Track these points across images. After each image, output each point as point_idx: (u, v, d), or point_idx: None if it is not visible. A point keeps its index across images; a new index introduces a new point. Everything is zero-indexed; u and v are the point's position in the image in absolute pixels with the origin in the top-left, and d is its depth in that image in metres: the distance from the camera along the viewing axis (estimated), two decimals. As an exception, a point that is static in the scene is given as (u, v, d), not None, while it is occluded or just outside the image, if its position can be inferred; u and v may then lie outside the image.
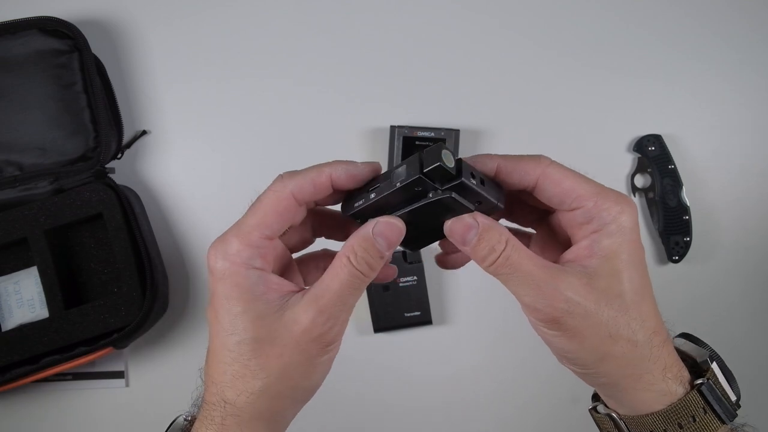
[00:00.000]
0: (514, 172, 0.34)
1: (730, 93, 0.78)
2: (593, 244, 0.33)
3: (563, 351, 0.34)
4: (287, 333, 0.32)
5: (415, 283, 0.74)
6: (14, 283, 0.70)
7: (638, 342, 0.33)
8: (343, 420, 0.74)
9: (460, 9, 0.77)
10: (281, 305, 0.33)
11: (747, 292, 0.77)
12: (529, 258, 0.33)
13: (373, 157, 0.75)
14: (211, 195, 0.75)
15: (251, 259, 0.33)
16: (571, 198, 0.33)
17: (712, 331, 0.79)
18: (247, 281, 0.33)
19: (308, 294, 0.33)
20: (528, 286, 0.33)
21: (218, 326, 0.33)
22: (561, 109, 0.77)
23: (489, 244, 0.33)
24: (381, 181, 0.34)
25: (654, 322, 0.33)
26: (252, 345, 0.32)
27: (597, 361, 0.33)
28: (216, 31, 0.75)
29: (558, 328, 0.33)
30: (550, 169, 0.33)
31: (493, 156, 0.34)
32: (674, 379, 0.34)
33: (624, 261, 0.33)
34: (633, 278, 0.33)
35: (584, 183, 0.33)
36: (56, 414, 0.73)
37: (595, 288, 0.32)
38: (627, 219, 0.33)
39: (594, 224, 0.33)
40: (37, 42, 0.69)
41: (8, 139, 0.69)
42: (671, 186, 0.75)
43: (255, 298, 0.33)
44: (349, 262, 0.33)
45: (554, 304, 0.32)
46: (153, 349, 0.74)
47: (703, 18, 0.77)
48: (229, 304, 0.33)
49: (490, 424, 0.75)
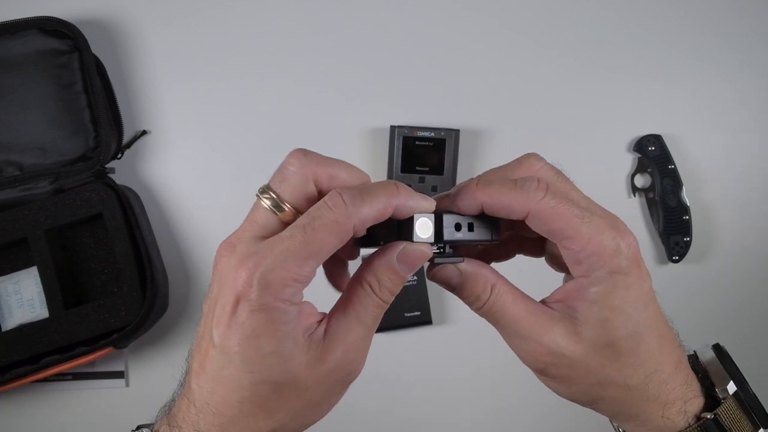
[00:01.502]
0: (500, 211, 0.31)
1: (730, 93, 0.77)
2: (582, 289, 0.30)
3: (555, 391, 0.34)
4: (311, 374, 0.29)
5: (415, 283, 0.74)
6: (14, 283, 0.70)
7: (631, 386, 0.31)
8: (343, 419, 0.74)
9: (460, 9, 0.77)
10: (307, 344, 0.29)
11: (747, 292, 0.77)
12: (515, 304, 0.31)
13: (373, 157, 0.75)
14: (211, 195, 0.75)
15: (295, 295, 0.29)
16: (561, 238, 0.30)
17: (712, 332, 0.79)
18: (285, 318, 0.28)
19: (332, 329, 0.30)
20: (512, 336, 0.32)
21: (236, 360, 0.29)
22: (561, 109, 0.77)
23: (473, 292, 0.32)
24: None
25: (653, 362, 0.31)
26: (273, 387, 0.29)
27: (588, 402, 0.33)
28: (216, 31, 0.75)
29: (544, 375, 0.32)
30: (538, 208, 0.30)
31: (476, 194, 0.31)
32: (677, 414, 0.32)
33: (615, 308, 0.30)
34: (626, 324, 0.30)
35: (576, 224, 0.29)
36: (56, 414, 0.73)
37: (582, 338, 0.30)
38: (622, 261, 0.30)
39: (583, 267, 0.30)
40: (37, 42, 0.69)
41: (8, 139, 0.69)
42: (671, 186, 0.75)
43: (288, 336, 0.29)
44: (372, 291, 0.30)
45: (538, 357, 0.31)
46: (153, 349, 0.74)
47: (703, 18, 0.77)
48: (258, 342, 0.28)
49: (490, 424, 0.75)
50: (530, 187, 0.30)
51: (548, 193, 0.30)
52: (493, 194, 0.30)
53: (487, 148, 0.76)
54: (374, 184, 0.30)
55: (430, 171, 0.73)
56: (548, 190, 0.30)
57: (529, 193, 0.30)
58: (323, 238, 0.28)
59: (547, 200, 0.29)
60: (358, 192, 0.29)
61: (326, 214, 0.28)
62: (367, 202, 0.29)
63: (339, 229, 0.28)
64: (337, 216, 0.28)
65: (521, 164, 0.32)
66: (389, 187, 0.29)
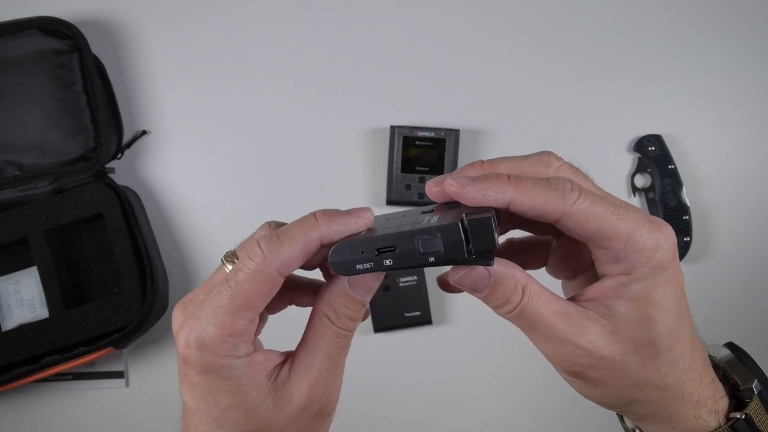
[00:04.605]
0: (530, 211, 0.28)
1: (730, 93, 0.77)
2: (621, 287, 0.29)
3: (585, 395, 0.32)
4: (282, 416, 0.29)
5: (415, 283, 0.74)
6: (14, 283, 0.70)
7: (668, 386, 0.30)
8: (342, 419, 0.74)
9: (460, 9, 0.77)
10: (271, 387, 0.29)
11: (747, 292, 0.77)
12: (547, 306, 0.29)
13: (373, 157, 0.75)
14: (211, 194, 0.75)
15: (235, 349, 0.28)
16: (598, 239, 0.29)
17: (712, 332, 0.79)
18: (233, 372, 0.28)
19: (296, 366, 0.30)
20: (546, 340, 0.30)
21: (202, 417, 0.29)
22: (561, 108, 0.77)
23: (503, 295, 0.29)
24: (382, 226, 0.30)
25: (688, 359, 0.30)
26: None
27: (621, 405, 0.32)
28: (216, 31, 0.75)
29: (579, 378, 0.31)
30: (573, 209, 0.28)
31: (507, 187, 0.28)
32: (708, 414, 0.31)
33: (656, 304, 0.29)
34: (666, 321, 0.29)
35: (614, 221, 0.28)
36: (56, 414, 0.73)
37: (621, 336, 0.29)
38: (663, 255, 0.29)
39: (623, 266, 0.29)
40: (37, 42, 0.69)
41: (8, 139, 0.69)
42: (671, 186, 0.75)
43: (242, 389, 0.29)
44: (330, 321, 0.30)
45: (574, 360, 0.30)
46: (153, 349, 0.74)
47: (703, 18, 0.77)
48: (215, 399, 0.29)
49: (490, 424, 0.75)
50: (564, 188, 0.28)
51: (582, 195, 0.28)
52: (526, 192, 0.28)
53: (487, 148, 0.76)
54: (292, 223, 0.29)
55: (430, 171, 0.73)
56: (581, 191, 0.28)
57: (564, 195, 0.28)
58: (248, 289, 0.28)
59: (581, 201, 0.28)
60: (276, 235, 0.28)
61: (247, 265, 0.28)
62: (286, 243, 0.28)
63: (262, 278, 0.28)
64: (257, 264, 0.28)
65: (541, 161, 0.31)
66: (306, 221, 0.29)
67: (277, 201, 0.74)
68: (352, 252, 0.28)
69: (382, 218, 0.33)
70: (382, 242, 0.28)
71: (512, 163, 0.31)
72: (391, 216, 0.33)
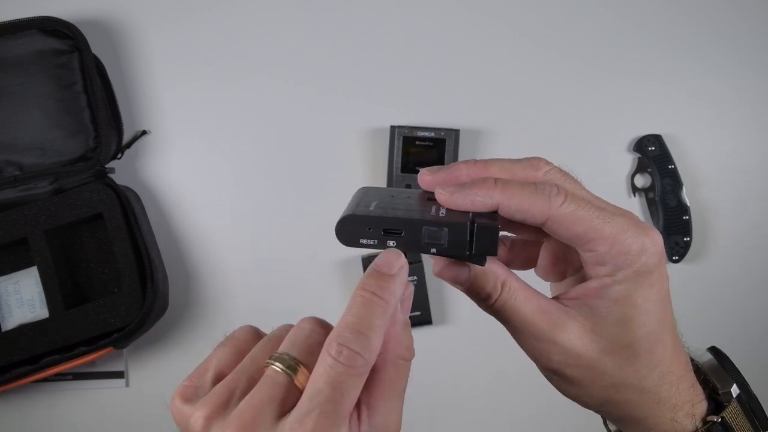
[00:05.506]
0: (516, 214, 0.29)
1: (730, 93, 0.77)
2: (604, 288, 0.30)
3: (564, 393, 0.33)
4: None
5: (415, 283, 0.74)
6: (14, 283, 0.70)
7: (645, 388, 0.31)
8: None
9: (460, 9, 0.77)
10: None
11: (747, 292, 0.77)
12: (527, 302, 0.30)
13: (373, 157, 0.75)
14: (211, 194, 0.75)
15: None
16: (584, 241, 0.29)
17: (712, 332, 0.79)
18: None
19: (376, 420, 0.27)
20: (524, 336, 0.31)
21: None
22: (561, 108, 0.77)
23: (483, 289, 0.31)
24: (389, 205, 0.30)
25: (668, 363, 0.31)
26: None
27: (598, 405, 0.32)
28: (216, 31, 0.75)
29: (556, 375, 0.31)
30: (558, 213, 0.29)
31: (494, 192, 0.29)
32: (684, 417, 0.32)
33: (637, 306, 0.29)
34: (647, 323, 0.30)
35: (599, 225, 0.29)
36: (56, 414, 0.73)
37: (600, 336, 0.30)
38: (648, 259, 0.29)
39: (608, 267, 0.30)
40: (37, 42, 0.69)
41: (8, 139, 0.69)
42: (671, 186, 0.75)
43: None
44: (406, 360, 0.29)
45: (551, 356, 0.30)
46: (153, 349, 0.74)
47: (703, 18, 0.77)
48: None
49: (490, 424, 0.75)
50: (550, 192, 0.29)
51: (567, 198, 0.29)
52: (513, 196, 0.29)
53: (487, 148, 0.76)
54: (357, 311, 0.27)
55: (430, 171, 0.73)
56: (567, 195, 0.29)
57: (549, 199, 0.29)
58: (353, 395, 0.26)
59: (566, 205, 0.29)
60: (356, 333, 0.26)
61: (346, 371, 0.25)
62: (372, 338, 0.26)
63: (365, 374, 0.26)
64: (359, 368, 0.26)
65: (531, 165, 0.32)
66: (377, 308, 0.27)
67: (277, 201, 0.74)
68: (361, 226, 0.29)
69: (387, 194, 0.33)
70: (391, 224, 0.29)
71: (503, 165, 0.32)
72: (396, 194, 0.33)
